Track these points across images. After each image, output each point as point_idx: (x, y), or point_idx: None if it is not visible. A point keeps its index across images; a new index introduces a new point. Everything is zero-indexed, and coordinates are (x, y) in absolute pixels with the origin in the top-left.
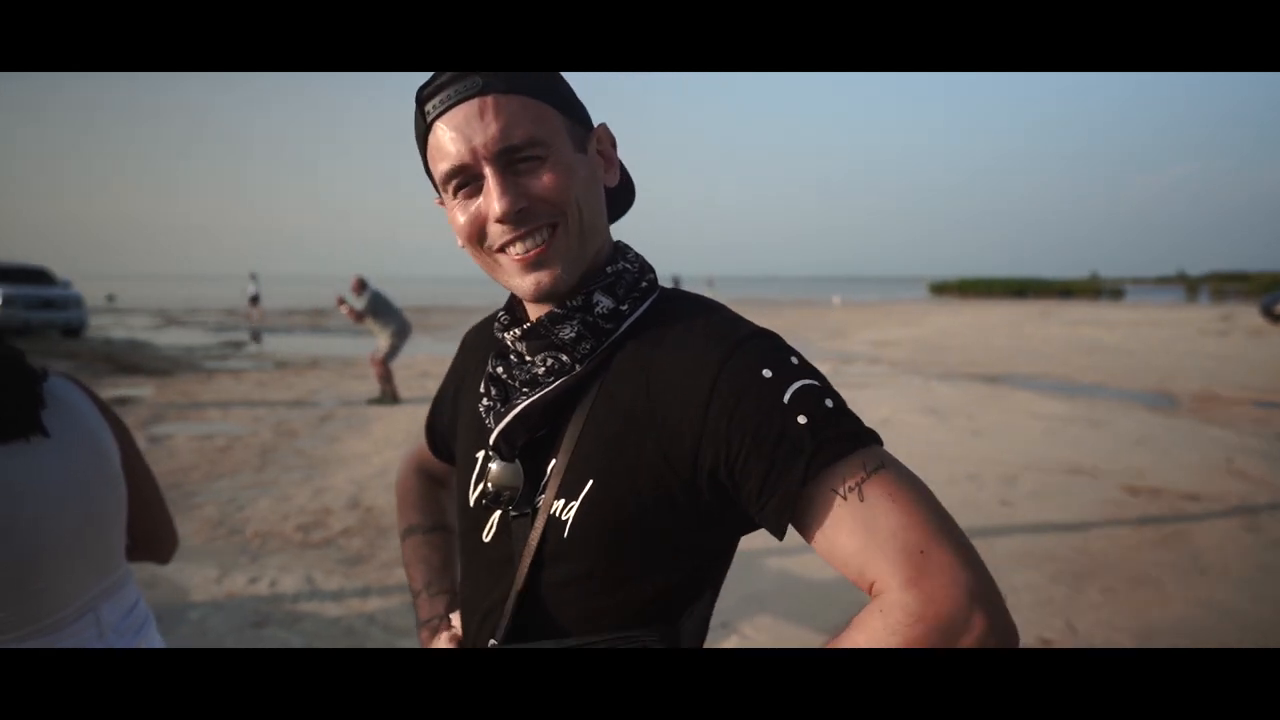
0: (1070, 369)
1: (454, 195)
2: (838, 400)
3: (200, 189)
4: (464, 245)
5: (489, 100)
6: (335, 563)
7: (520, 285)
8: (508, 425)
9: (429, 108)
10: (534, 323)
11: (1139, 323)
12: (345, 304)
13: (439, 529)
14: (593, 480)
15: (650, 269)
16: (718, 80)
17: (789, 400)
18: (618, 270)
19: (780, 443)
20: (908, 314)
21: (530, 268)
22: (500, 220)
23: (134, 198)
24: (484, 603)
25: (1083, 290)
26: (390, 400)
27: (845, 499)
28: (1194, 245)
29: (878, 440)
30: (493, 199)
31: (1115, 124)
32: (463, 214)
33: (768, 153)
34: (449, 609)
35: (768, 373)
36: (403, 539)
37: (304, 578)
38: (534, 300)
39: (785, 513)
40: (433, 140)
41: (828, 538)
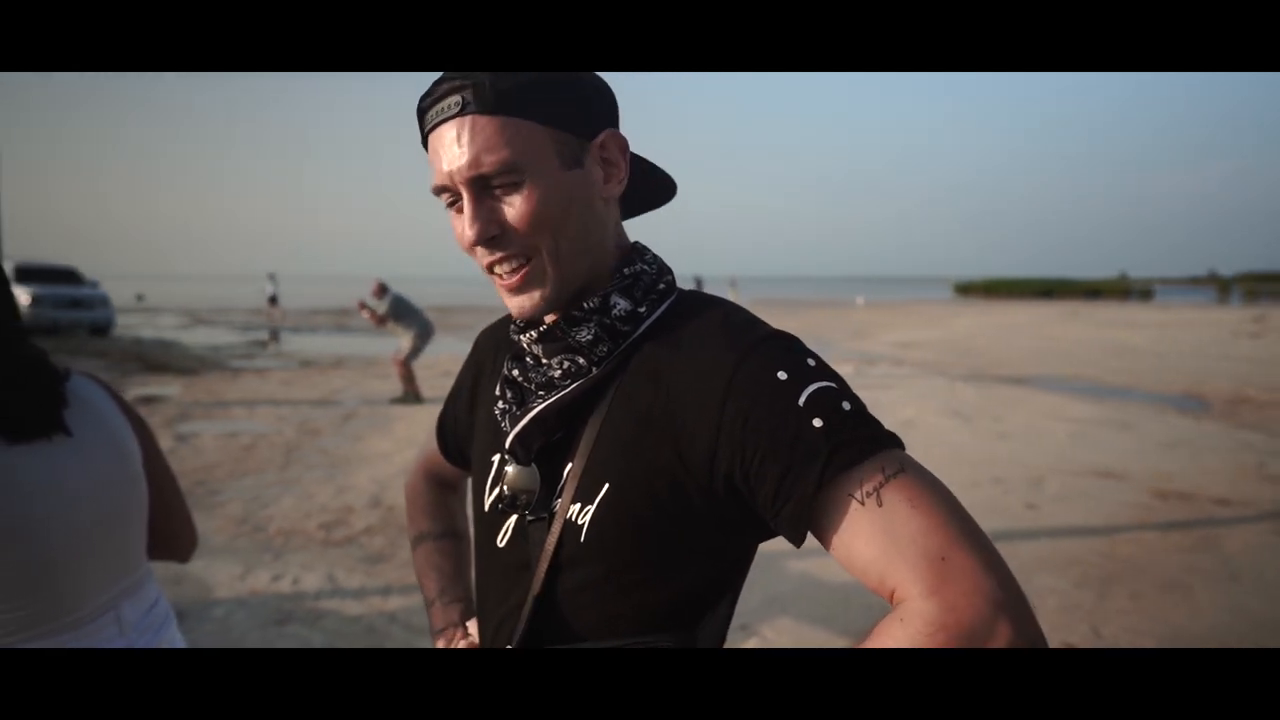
0: (1098, 371)
1: (447, 207)
2: (856, 402)
3: (229, 189)
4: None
5: (466, 122)
6: (357, 561)
7: (508, 305)
8: (524, 429)
9: (425, 120)
10: (550, 325)
11: (1169, 324)
12: (366, 308)
13: (450, 535)
14: (609, 484)
15: (668, 270)
16: (742, 80)
17: (804, 403)
18: (635, 272)
19: (795, 446)
20: (932, 314)
21: (511, 292)
22: (471, 246)
23: (165, 198)
24: (500, 608)
25: (1111, 291)
26: (413, 400)
27: (863, 504)
28: (1226, 245)
29: (898, 443)
30: (465, 224)
31: (1147, 123)
32: (457, 226)
33: (791, 153)
34: (463, 617)
35: (783, 375)
36: (414, 546)
37: (326, 576)
38: (521, 321)
39: (801, 519)
40: (429, 151)
41: (845, 544)
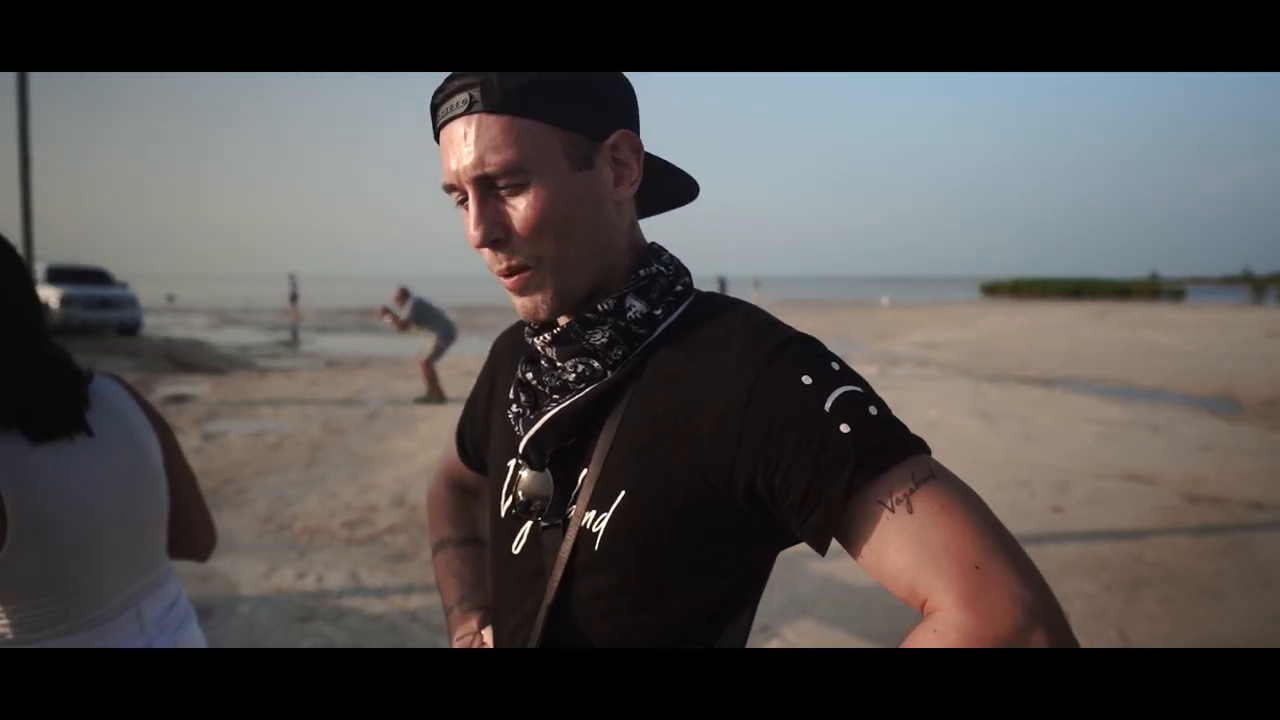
0: (1129, 372)
1: (457, 205)
2: (882, 407)
3: (261, 189)
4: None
5: (473, 120)
6: (380, 559)
7: (514, 306)
8: (537, 433)
9: (435, 117)
10: (564, 327)
11: (1201, 324)
12: (389, 313)
13: (471, 542)
14: (625, 491)
15: (685, 271)
16: (770, 79)
17: (830, 408)
18: (651, 273)
19: (822, 453)
20: (958, 315)
21: (517, 294)
22: (477, 247)
23: (201, 199)
24: (514, 616)
25: (1142, 291)
26: (436, 400)
27: (893, 511)
28: (1260, 244)
29: (926, 449)
30: (469, 226)
31: (1180, 121)
32: (467, 225)
33: (817, 152)
34: (481, 625)
35: (808, 379)
36: (434, 552)
37: (349, 574)
38: (533, 322)
39: (828, 527)
40: (440, 148)
41: (875, 552)
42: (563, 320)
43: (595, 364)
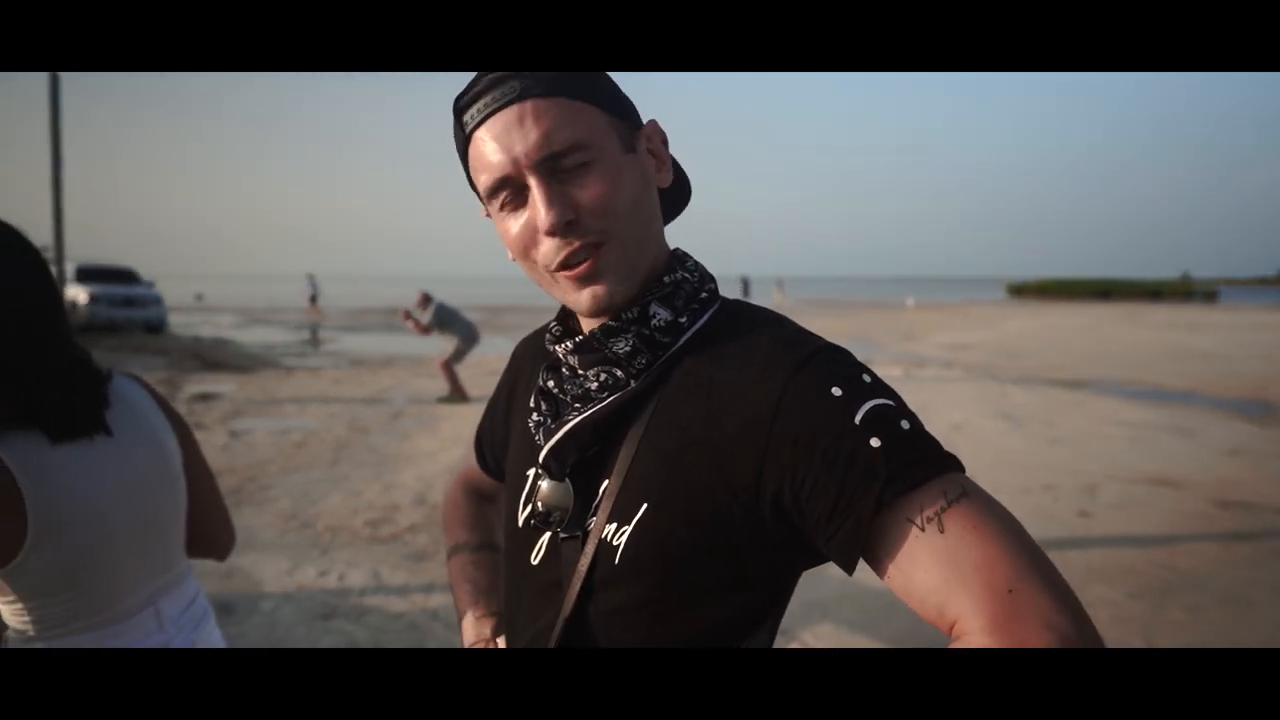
0: (1158, 375)
1: (500, 208)
2: (914, 421)
3: (290, 189)
4: (515, 259)
5: (528, 105)
6: (401, 558)
7: (576, 301)
8: (558, 442)
9: (467, 117)
10: (587, 335)
11: (1234, 326)
12: (411, 318)
13: (486, 548)
14: (647, 504)
15: (710, 278)
16: (794, 80)
17: (860, 421)
18: (676, 280)
19: (851, 467)
20: (984, 316)
21: (584, 282)
22: (549, 233)
23: (231, 199)
24: (530, 628)
25: (1173, 292)
26: (459, 399)
27: (923, 530)
28: None
29: (959, 466)
30: (539, 211)
31: (1213, 121)
32: (513, 227)
33: (842, 152)
34: (495, 632)
35: (837, 391)
36: (449, 557)
37: (371, 572)
38: (591, 315)
39: (856, 544)
40: (473, 151)
41: (903, 571)
42: (587, 326)
43: (618, 373)
